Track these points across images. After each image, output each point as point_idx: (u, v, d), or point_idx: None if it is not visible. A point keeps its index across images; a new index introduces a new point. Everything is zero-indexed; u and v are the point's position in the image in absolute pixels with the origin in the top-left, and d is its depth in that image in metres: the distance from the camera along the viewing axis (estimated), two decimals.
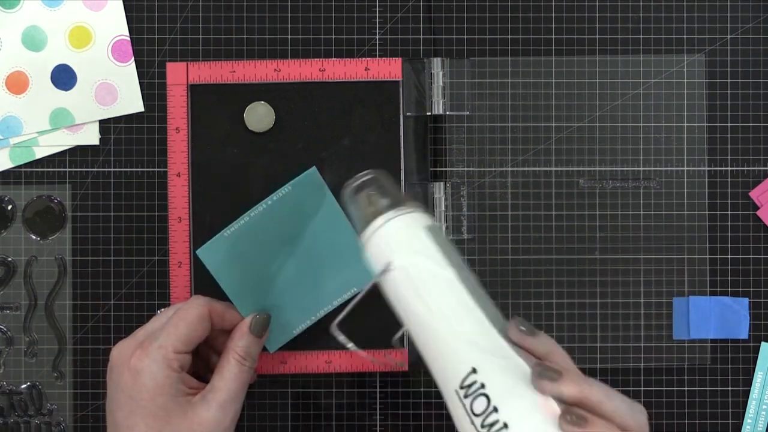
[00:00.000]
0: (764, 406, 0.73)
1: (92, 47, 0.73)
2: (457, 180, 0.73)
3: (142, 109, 0.73)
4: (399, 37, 0.74)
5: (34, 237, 0.73)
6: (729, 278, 0.74)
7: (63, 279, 0.73)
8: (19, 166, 0.73)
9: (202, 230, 0.73)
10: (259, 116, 0.73)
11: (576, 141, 0.74)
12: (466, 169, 0.74)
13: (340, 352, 0.73)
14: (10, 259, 0.73)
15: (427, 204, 0.73)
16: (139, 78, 0.73)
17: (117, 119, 0.73)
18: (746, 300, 0.73)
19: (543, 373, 0.53)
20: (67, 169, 0.73)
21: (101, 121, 0.73)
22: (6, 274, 0.73)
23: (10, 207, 0.73)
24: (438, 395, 0.73)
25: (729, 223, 0.74)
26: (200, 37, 0.73)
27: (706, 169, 0.74)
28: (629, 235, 0.73)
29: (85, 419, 0.74)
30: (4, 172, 0.73)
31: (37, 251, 0.74)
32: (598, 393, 0.53)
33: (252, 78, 0.73)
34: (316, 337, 0.72)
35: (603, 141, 0.74)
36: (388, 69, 0.72)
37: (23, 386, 0.74)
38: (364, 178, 0.61)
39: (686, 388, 0.73)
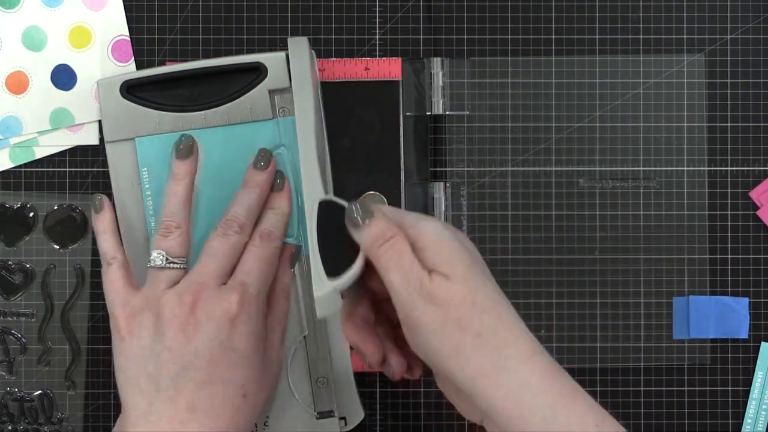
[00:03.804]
0: (764, 406, 0.73)
1: (92, 47, 0.73)
2: (457, 180, 0.73)
3: None
4: (399, 37, 0.74)
5: (54, 246, 0.73)
6: (729, 278, 0.74)
7: (81, 289, 0.73)
8: (19, 166, 0.73)
9: None
10: None
11: (576, 141, 0.74)
12: (466, 169, 0.74)
13: None
14: (28, 266, 0.73)
15: (427, 204, 0.73)
16: None
17: None
18: (746, 300, 0.73)
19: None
20: (67, 169, 0.73)
21: (101, 121, 0.73)
22: (24, 280, 0.73)
23: (31, 214, 0.73)
24: (438, 395, 0.73)
25: (729, 223, 0.74)
26: (200, 37, 0.73)
27: (706, 169, 0.74)
28: (629, 235, 0.73)
29: (96, 430, 0.73)
30: (4, 172, 0.73)
31: (56, 259, 0.73)
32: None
33: None
34: None
35: (603, 141, 0.74)
36: (388, 69, 0.72)
37: (35, 394, 0.73)
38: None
39: (686, 388, 0.73)
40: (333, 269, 0.59)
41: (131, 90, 0.69)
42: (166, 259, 0.64)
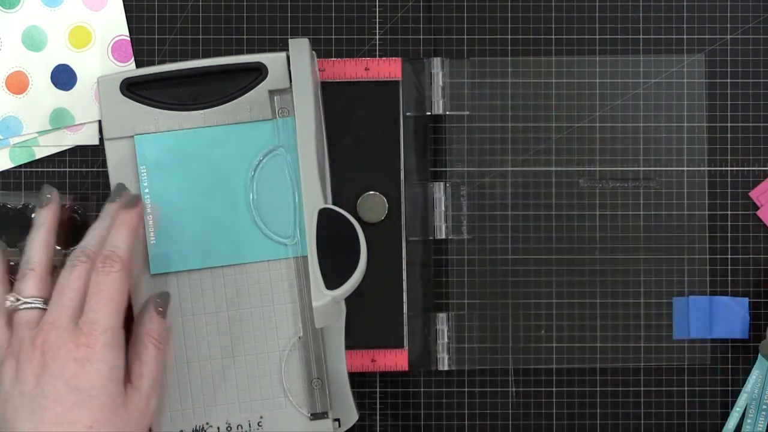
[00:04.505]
0: (764, 406, 0.73)
1: (92, 47, 0.73)
2: (457, 180, 0.73)
3: None
4: (399, 37, 0.74)
5: (56, 247, 0.73)
6: (729, 278, 0.73)
7: None
8: (19, 166, 0.73)
9: None
10: None
11: (576, 141, 0.74)
12: (466, 169, 0.74)
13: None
14: None
15: (426, 204, 0.73)
16: None
17: None
18: (746, 300, 0.73)
19: None
20: (67, 169, 0.73)
21: (101, 121, 0.73)
22: None
23: (33, 215, 0.73)
24: (438, 395, 0.74)
25: (729, 223, 0.74)
26: (200, 37, 0.73)
27: (706, 169, 0.74)
28: (629, 235, 0.73)
29: None
30: (4, 172, 0.73)
31: (58, 260, 0.73)
32: None
33: None
34: None
35: (603, 141, 0.74)
36: (388, 69, 0.72)
37: None
38: None
39: (686, 388, 0.73)
40: (332, 279, 0.59)
41: (131, 87, 0.69)
42: (17, 299, 0.64)
